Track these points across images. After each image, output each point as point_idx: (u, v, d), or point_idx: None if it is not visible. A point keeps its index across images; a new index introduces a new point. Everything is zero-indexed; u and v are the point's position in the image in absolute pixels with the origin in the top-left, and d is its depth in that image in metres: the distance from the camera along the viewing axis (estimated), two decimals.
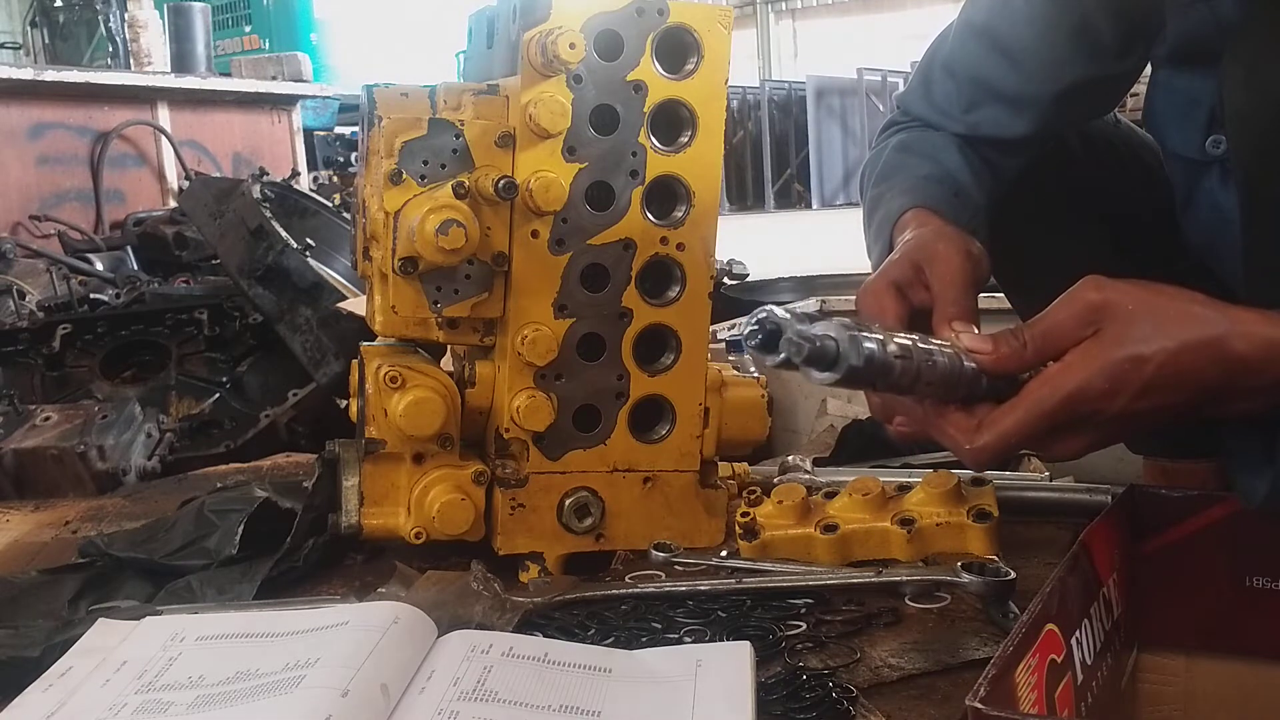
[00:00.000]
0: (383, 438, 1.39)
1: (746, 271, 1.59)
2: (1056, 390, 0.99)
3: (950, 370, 1.03)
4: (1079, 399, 0.99)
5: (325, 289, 2.35)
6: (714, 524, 1.49)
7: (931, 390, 1.03)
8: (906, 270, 1.19)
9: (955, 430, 1.07)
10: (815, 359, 0.94)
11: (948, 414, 1.07)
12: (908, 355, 0.99)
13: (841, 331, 0.94)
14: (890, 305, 1.16)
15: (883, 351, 0.97)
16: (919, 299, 1.17)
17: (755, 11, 22.15)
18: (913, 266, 1.19)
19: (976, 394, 1.06)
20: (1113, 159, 1.55)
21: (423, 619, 1.11)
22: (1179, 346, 0.97)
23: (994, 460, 1.07)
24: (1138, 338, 0.97)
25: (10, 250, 3.58)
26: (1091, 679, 0.98)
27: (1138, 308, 0.99)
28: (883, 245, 1.36)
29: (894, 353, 0.98)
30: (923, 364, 1.00)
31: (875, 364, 0.96)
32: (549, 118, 1.32)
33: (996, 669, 0.79)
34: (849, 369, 0.94)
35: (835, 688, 1.05)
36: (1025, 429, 1.02)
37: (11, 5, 17.69)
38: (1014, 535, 1.42)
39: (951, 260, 1.18)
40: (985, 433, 1.04)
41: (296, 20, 10.35)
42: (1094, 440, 1.04)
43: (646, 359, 1.44)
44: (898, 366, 0.98)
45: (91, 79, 4.67)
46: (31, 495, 2.00)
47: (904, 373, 0.99)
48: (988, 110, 1.43)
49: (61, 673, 1.08)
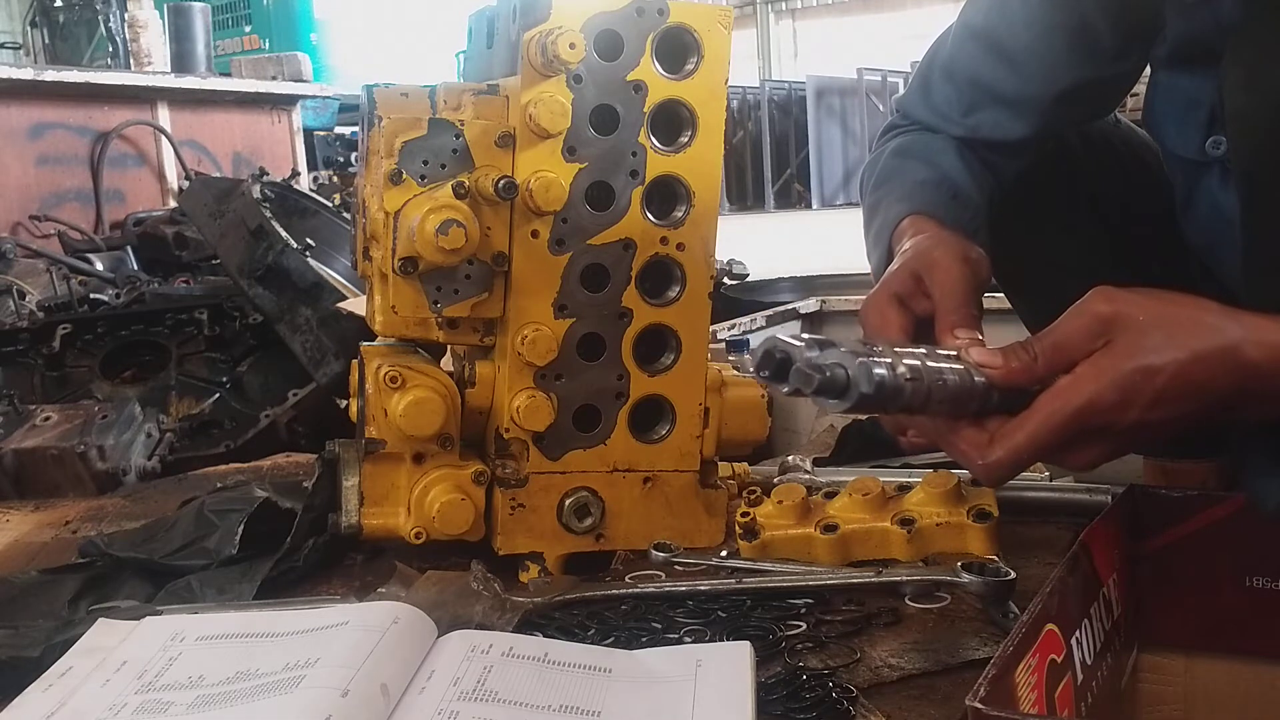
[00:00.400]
0: (383, 438, 1.39)
1: (746, 271, 1.59)
2: (1068, 403, 0.99)
3: (961, 387, 1.03)
4: (1091, 411, 0.99)
5: (325, 289, 2.35)
6: (714, 524, 1.49)
7: (943, 409, 1.04)
8: (907, 281, 1.19)
9: (968, 446, 1.07)
10: (826, 389, 0.95)
11: (959, 429, 1.07)
12: (918, 377, 0.99)
13: (850, 359, 0.95)
14: (893, 318, 1.17)
15: (893, 376, 0.97)
16: (921, 309, 1.18)
17: (755, 11, 22.15)
18: (912, 277, 1.19)
19: (988, 408, 1.05)
20: (1113, 159, 1.55)
21: (423, 619, 1.11)
22: (1191, 356, 0.96)
23: (1008, 475, 1.06)
24: (1149, 348, 0.97)
25: (10, 250, 3.57)
26: (1091, 679, 0.99)
27: (1148, 318, 0.99)
28: (881, 252, 1.36)
29: (904, 375, 0.98)
30: (933, 384, 1.00)
31: (886, 390, 0.97)
32: (549, 118, 1.32)
33: (996, 669, 0.79)
34: (860, 396, 0.95)
35: (835, 688, 1.05)
36: (1037, 442, 1.01)
37: (11, 5, 17.69)
38: (1014, 535, 1.42)
39: (950, 268, 1.18)
40: (998, 447, 1.04)
41: (296, 20, 10.35)
42: (1107, 451, 1.04)
43: (646, 359, 1.44)
44: (908, 389, 0.99)
45: (91, 79, 4.67)
46: (31, 495, 2.00)
47: (915, 394, 0.99)
48: (987, 113, 1.43)
49: (61, 673, 1.08)
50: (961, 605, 1.23)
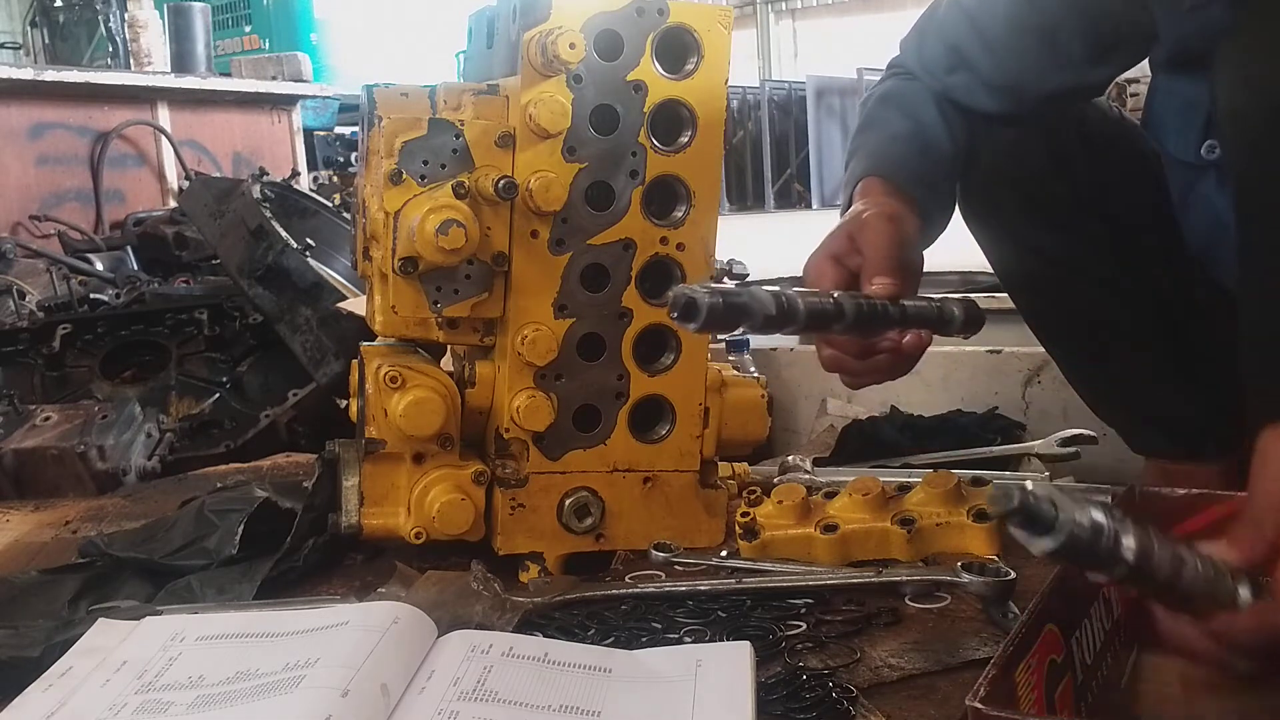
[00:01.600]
0: (383, 438, 1.39)
1: (746, 271, 1.59)
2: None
3: (1209, 581, 0.89)
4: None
5: (325, 289, 2.34)
6: (714, 524, 1.49)
7: (1190, 606, 0.90)
8: (842, 242, 1.28)
9: None
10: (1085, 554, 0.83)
11: None
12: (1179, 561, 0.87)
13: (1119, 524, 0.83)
14: (828, 272, 1.25)
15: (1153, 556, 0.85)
16: (854, 264, 1.26)
17: (755, 11, 22.13)
18: (847, 237, 1.28)
19: None
20: (1114, 157, 1.55)
21: (423, 619, 1.11)
22: None
23: None
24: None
25: (10, 250, 3.57)
26: (1091, 679, 0.98)
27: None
28: (844, 204, 1.42)
29: (1163, 558, 0.85)
30: (1174, 562, 0.87)
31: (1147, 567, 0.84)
32: (549, 118, 1.32)
33: (997, 669, 0.79)
34: (1125, 568, 0.84)
35: (835, 688, 1.05)
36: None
37: (11, 5, 17.68)
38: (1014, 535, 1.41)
39: (878, 227, 1.27)
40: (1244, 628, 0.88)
41: (296, 20, 10.34)
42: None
43: (646, 359, 1.44)
44: (1166, 569, 0.86)
45: (91, 79, 4.66)
46: (31, 495, 2.00)
47: (1160, 566, 0.86)
48: (961, 77, 1.47)
49: (61, 673, 1.08)
50: (961, 605, 1.23)
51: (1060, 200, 1.55)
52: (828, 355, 1.30)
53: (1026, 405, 2.12)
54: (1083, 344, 1.65)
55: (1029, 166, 1.54)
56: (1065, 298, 1.61)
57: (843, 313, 1.15)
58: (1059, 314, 1.65)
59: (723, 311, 1.02)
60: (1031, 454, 1.82)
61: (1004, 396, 2.14)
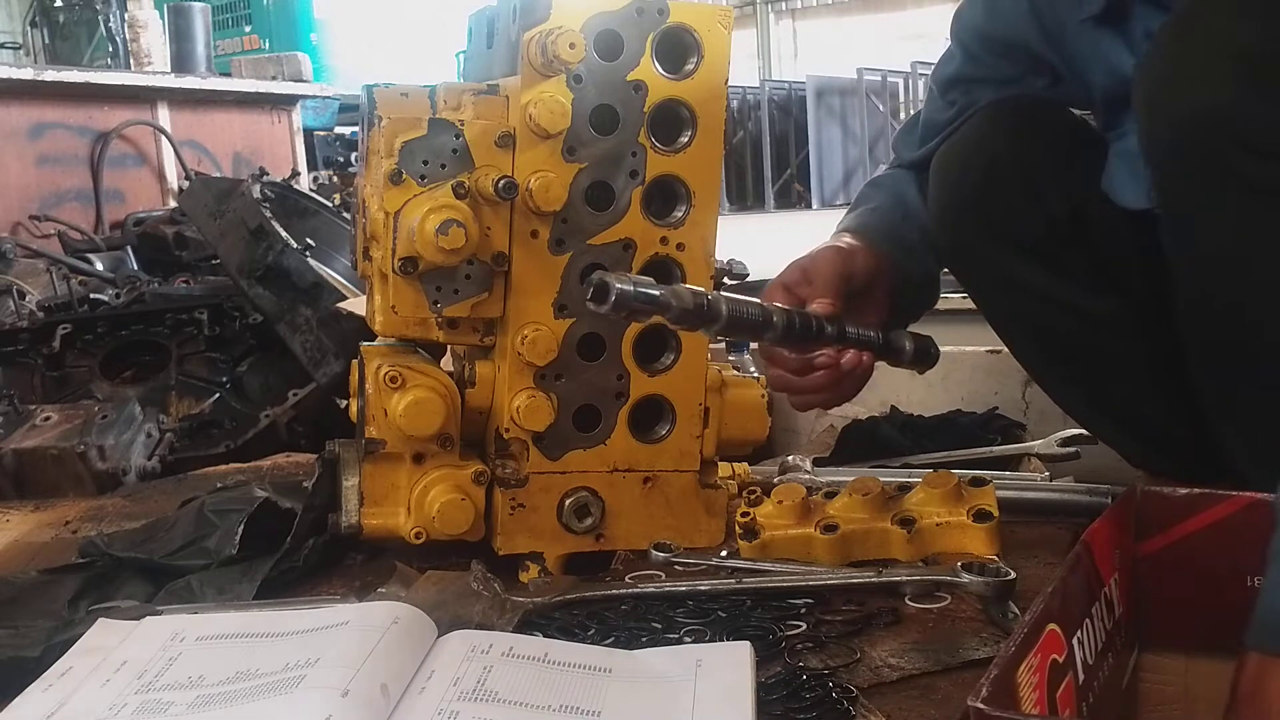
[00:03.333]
0: (383, 438, 1.39)
1: (746, 271, 1.59)
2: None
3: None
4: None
5: (325, 289, 2.34)
6: (714, 524, 1.49)
7: None
8: (795, 273, 1.40)
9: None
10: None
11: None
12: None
13: None
14: (779, 299, 1.35)
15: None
16: (802, 294, 1.37)
17: (755, 11, 22.12)
18: (800, 270, 1.40)
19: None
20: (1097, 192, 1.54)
21: (423, 619, 1.11)
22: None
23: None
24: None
25: (10, 250, 3.56)
26: (1093, 679, 0.98)
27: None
28: None
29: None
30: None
31: None
32: (549, 118, 1.32)
33: (998, 669, 0.79)
34: None
35: (835, 688, 1.05)
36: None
37: (11, 5, 17.67)
38: (1014, 535, 1.42)
39: (828, 257, 1.40)
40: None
41: (296, 20, 10.34)
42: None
43: (646, 359, 1.44)
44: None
45: (91, 79, 4.66)
46: (31, 495, 2.00)
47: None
48: None
49: (61, 673, 1.08)
50: (962, 605, 1.23)
51: (1035, 231, 1.50)
52: (772, 375, 1.41)
53: (1026, 405, 2.12)
54: (1071, 372, 1.57)
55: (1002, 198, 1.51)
56: (1040, 330, 1.55)
57: (771, 322, 1.24)
58: (1042, 346, 1.59)
59: (632, 298, 1.10)
60: (1031, 454, 1.81)
61: (1004, 396, 2.14)
